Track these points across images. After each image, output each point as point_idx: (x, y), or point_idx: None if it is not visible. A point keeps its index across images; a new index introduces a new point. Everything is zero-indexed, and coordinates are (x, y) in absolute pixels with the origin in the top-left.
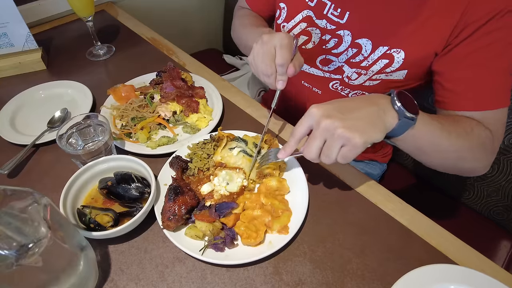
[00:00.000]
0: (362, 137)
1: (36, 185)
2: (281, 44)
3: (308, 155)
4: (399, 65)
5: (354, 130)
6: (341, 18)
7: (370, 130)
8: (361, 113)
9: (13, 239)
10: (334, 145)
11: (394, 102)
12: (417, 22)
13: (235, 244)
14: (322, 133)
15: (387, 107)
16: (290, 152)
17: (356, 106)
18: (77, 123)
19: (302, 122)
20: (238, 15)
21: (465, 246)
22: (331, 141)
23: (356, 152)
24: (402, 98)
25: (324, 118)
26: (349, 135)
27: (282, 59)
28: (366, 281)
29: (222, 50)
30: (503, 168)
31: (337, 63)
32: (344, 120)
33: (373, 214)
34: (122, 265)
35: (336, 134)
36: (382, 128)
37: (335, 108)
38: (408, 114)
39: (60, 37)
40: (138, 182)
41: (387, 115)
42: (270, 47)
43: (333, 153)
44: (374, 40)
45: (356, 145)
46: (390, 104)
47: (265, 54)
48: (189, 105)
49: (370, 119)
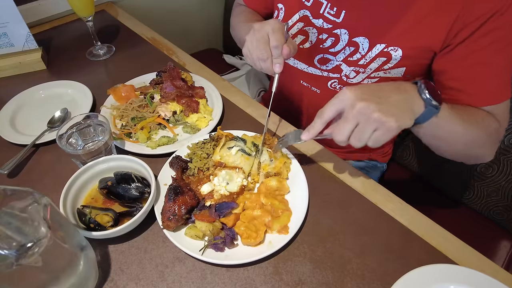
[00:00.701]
0: (398, 121)
1: (36, 185)
2: (273, 28)
3: (338, 137)
4: (397, 62)
5: (390, 114)
6: (337, 17)
7: (403, 115)
8: (394, 99)
9: (13, 239)
10: (368, 128)
11: (422, 91)
12: (414, 19)
13: (235, 244)
14: (356, 115)
15: (415, 95)
16: (315, 134)
17: (388, 91)
18: (77, 123)
19: (333, 104)
20: (235, 12)
21: (465, 246)
22: (365, 124)
23: (390, 136)
24: (428, 86)
25: (359, 101)
26: (385, 119)
27: (276, 41)
28: (366, 281)
29: (222, 50)
30: (503, 168)
31: (335, 62)
32: (380, 104)
33: (373, 214)
34: (122, 265)
35: (372, 118)
36: (412, 115)
37: (370, 91)
38: (434, 102)
39: (60, 37)
40: (138, 182)
41: (415, 102)
42: (263, 33)
43: (366, 136)
44: (371, 38)
45: (391, 129)
46: (418, 93)
47: (259, 40)
48: (189, 105)
49: (402, 105)
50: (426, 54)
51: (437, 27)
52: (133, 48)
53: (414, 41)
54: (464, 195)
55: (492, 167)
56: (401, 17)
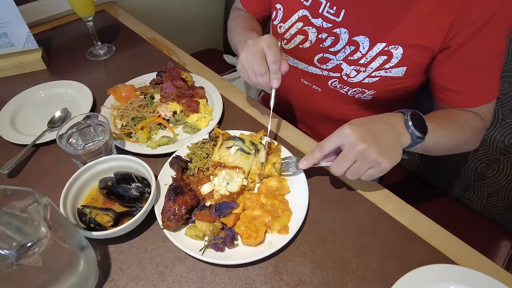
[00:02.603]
0: (390, 162)
1: (36, 185)
2: (269, 43)
3: (336, 171)
4: (398, 61)
5: (385, 156)
6: (337, 16)
7: (395, 154)
8: (386, 138)
9: (13, 239)
10: (365, 166)
11: (408, 125)
12: (415, 18)
13: (235, 244)
14: (356, 155)
15: (402, 129)
16: (312, 164)
17: (381, 129)
18: (77, 123)
19: (334, 139)
20: (232, 16)
21: (465, 246)
22: (362, 163)
23: (382, 173)
24: (414, 118)
25: (360, 142)
26: (381, 160)
27: (273, 56)
28: (366, 281)
29: (222, 50)
30: (503, 168)
31: (335, 61)
32: (377, 146)
33: (373, 214)
34: (122, 265)
35: (370, 159)
36: (400, 150)
37: (368, 131)
38: (419, 135)
39: (60, 37)
40: (138, 182)
41: (403, 137)
42: (258, 48)
43: (361, 173)
44: (372, 37)
45: (385, 169)
46: (404, 127)
47: (254, 55)
48: (189, 105)
49: (393, 144)
50: (425, 54)
51: (437, 27)
52: (133, 48)
53: (415, 40)
54: (464, 195)
55: (492, 167)
56: (402, 16)
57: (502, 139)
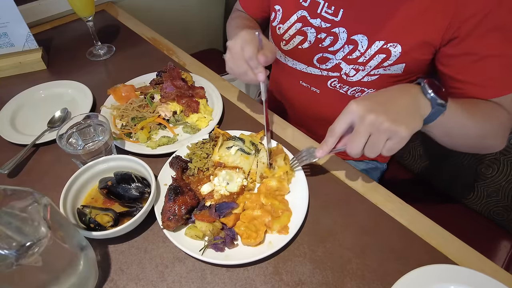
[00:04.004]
0: (408, 129)
1: (36, 185)
2: (244, 40)
3: (353, 151)
4: (397, 59)
5: (400, 123)
6: (335, 16)
7: (412, 121)
8: (400, 105)
9: (13, 239)
10: (381, 139)
11: (426, 91)
12: (413, 15)
13: (235, 244)
14: (367, 128)
15: (419, 96)
16: (328, 150)
17: (393, 98)
18: (77, 123)
19: (343, 119)
20: (231, 17)
21: (465, 246)
22: (377, 136)
23: (403, 143)
24: (432, 86)
25: (368, 113)
26: (396, 128)
27: (248, 53)
28: (366, 281)
29: (222, 50)
30: (503, 168)
31: (334, 61)
32: (388, 113)
33: (373, 214)
34: (122, 265)
35: (383, 128)
36: (420, 117)
37: (376, 102)
38: (440, 101)
39: (60, 37)
40: (138, 182)
41: (421, 104)
42: (236, 48)
43: (379, 147)
44: (370, 35)
45: (403, 138)
46: (422, 93)
47: (234, 58)
48: (189, 105)
49: (409, 110)
50: (425, 50)
51: (435, 22)
52: (133, 48)
53: (413, 36)
54: (464, 195)
55: (492, 168)
56: (400, 13)
57: None
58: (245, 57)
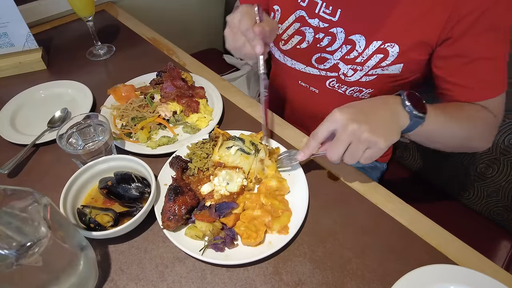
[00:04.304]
0: (386, 141)
1: (36, 185)
2: (242, 15)
3: (333, 157)
4: (394, 59)
5: (379, 134)
6: (333, 16)
7: (390, 133)
8: (380, 117)
9: (13, 239)
10: (360, 148)
11: (405, 104)
12: (410, 15)
13: (235, 244)
14: (348, 136)
15: (398, 108)
16: (309, 154)
17: (374, 109)
18: (77, 123)
19: (326, 126)
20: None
21: (465, 246)
22: (357, 144)
23: (380, 153)
24: (412, 98)
25: (351, 122)
26: (375, 139)
27: (244, 25)
28: (366, 281)
29: (222, 50)
30: (503, 168)
31: (332, 61)
32: (369, 124)
33: (373, 214)
34: (122, 265)
35: (363, 138)
36: (398, 130)
37: (359, 111)
38: (417, 113)
39: (60, 37)
40: (138, 182)
41: (400, 116)
42: (234, 23)
43: (358, 155)
44: (367, 35)
45: (381, 148)
46: (401, 106)
47: (232, 32)
48: (189, 105)
49: (388, 122)
50: (423, 50)
51: (433, 21)
52: (133, 48)
53: (411, 36)
54: (464, 195)
55: (492, 168)
56: (397, 13)
57: (502, 139)
58: (242, 29)
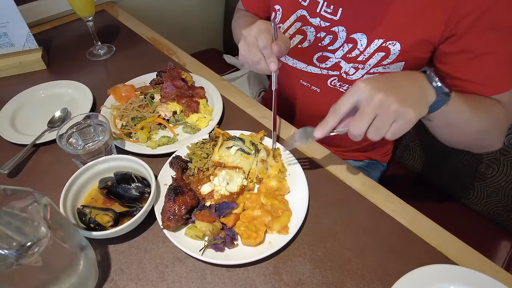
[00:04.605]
0: (416, 112)
1: (36, 185)
2: (259, 30)
3: (356, 131)
4: (396, 57)
5: (408, 104)
6: (334, 15)
7: (419, 105)
8: (407, 89)
9: (13, 239)
10: (387, 120)
11: (433, 79)
12: (411, 13)
13: (235, 244)
14: (375, 108)
15: (425, 83)
16: (329, 131)
17: (400, 82)
18: (77, 123)
19: (349, 97)
20: (235, 17)
21: (465, 246)
22: (384, 116)
23: (408, 127)
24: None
25: (377, 92)
26: (404, 109)
27: (263, 42)
28: (366, 281)
29: (222, 50)
30: (503, 168)
31: (334, 60)
32: (397, 95)
33: (373, 214)
34: (122, 265)
35: (392, 109)
36: (425, 104)
37: (384, 83)
38: (445, 90)
39: (60, 37)
40: (138, 182)
41: (427, 91)
42: (251, 37)
43: (385, 129)
44: (369, 33)
45: (410, 120)
46: (428, 81)
47: (249, 45)
48: (189, 105)
49: (416, 95)
50: (424, 48)
51: (434, 19)
52: (133, 48)
53: (412, 34)
54: (464, 195)
55: (492, 168)
56: (398, 11)
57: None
58: (259, 46)
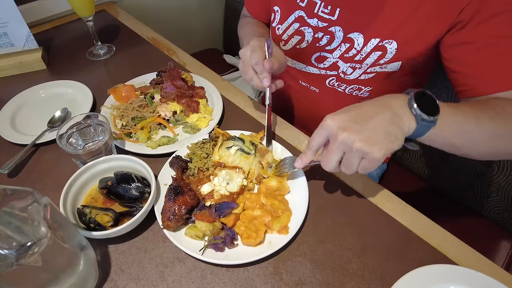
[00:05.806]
0: (381, 150)
1: (36, 185)
2: (252, 48)
3: (327, 167)
4: (393, 56)
5: (372, 143)
6: (332, 15)
7: (387, 140)
8: (376, 122)
9: (13, 239)
10: (354, 158)
11: (411, 105)
12: (408, 11)
13: (235, 244)
14: (339, 146)
15: (402, 109)
16: (306, 162)
17: (370, 113)
18: (77, 122)
19: (318, 134)
20: (241, 24)
21: (465, 246)
22: (349, 155)
23: (377, 164)
24: (420, 98)
25: (340, 131)
26: (367, 149)
27: (254, 59)
28: (366, 281)
29: (222, 50)
30: (503, 168)
31: (332, 59)
32: (361, 132)
33: (373, 214)
34: (122, 265)
35: (355, 148)
36: (400, 135)
37: (350, 118)
38: (426, 117)
39: (61, 37)
40: (138, 182)
41: (404, 118)
42: (246, 56)
43: (353, 166)
44: (365, 33)
45: (376, 159)
46: (407, 106)
47: (244, 64)
48: (189, 105)
49: (386, 128)
50: (421, 45)
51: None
52: (133, 48)
53: (409, 32)
54: (464, 195)
55: (492, 168)
56: (395, 10)
57: None
58: (252, 63)
